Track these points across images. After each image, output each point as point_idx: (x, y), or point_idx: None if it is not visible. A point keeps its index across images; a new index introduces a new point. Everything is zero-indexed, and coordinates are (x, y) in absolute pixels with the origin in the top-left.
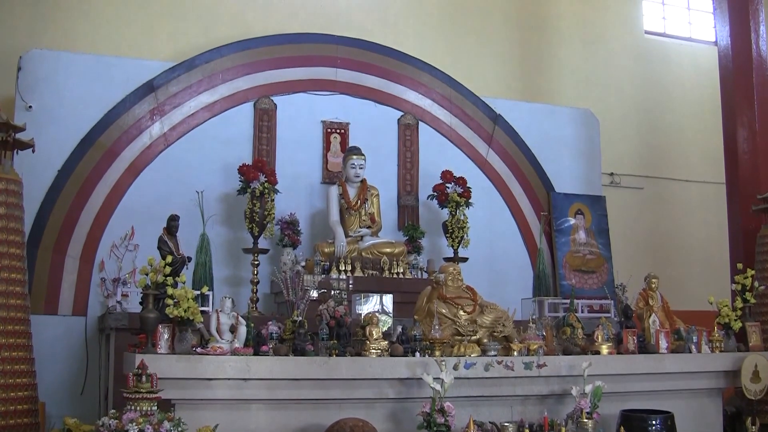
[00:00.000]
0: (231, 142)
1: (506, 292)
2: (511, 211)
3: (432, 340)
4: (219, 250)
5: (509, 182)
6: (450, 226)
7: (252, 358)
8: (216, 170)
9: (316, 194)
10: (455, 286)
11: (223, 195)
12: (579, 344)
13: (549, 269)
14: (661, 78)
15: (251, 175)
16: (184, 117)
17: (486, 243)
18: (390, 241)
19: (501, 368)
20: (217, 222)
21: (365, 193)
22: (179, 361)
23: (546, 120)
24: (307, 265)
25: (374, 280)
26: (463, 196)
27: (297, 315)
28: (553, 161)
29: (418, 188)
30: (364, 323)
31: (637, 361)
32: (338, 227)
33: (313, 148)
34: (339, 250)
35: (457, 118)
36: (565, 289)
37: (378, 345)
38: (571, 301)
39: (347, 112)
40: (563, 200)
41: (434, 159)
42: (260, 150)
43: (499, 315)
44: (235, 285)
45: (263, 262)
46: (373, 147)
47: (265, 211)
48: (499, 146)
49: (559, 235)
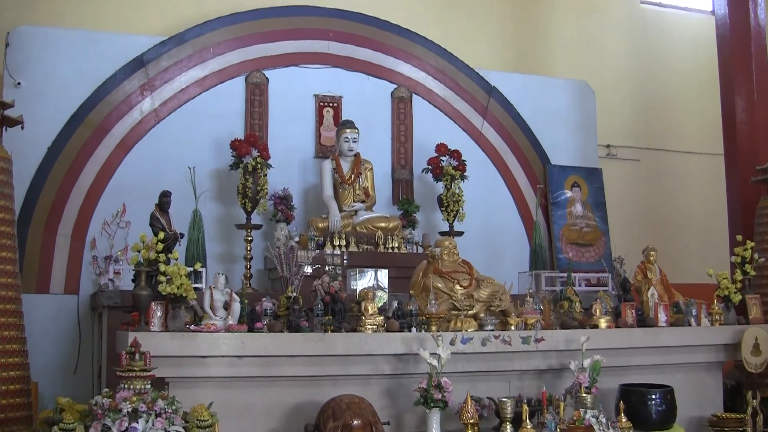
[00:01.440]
0: (222, 117)
1: (503, 266)
2: (506, 184)
3: (428, 315)
4: (212, 226)
5: (504, 155)
6: (445, 199)
7: (246, 335)
8: (208, 146)
9: (309, 169)
10: (451, 261)
11: (215, 171)
12: (577, 318)
13: (545, 243)
14: (658, 48)
15: (243, 150)
16: (174, 92)
17: (482, 217)
18: (384, 215)
19: (498, 343)
20: (210, 198)
21: (359, 168)
22: (173, 338)
23: (541, 92)
24: (301, 241)
25: (369, 255)
26: (458, 170)
27: (291, 291)
28: (548, 133)
29: (412, 162)
30: (360, 299)
31: (636, 334)
32: (332, 202)
33: (306, 123)
34: (333, 225)
35: (451, 90)
36: (562, 262)
37: (374, 321)
38: (568, 274)
39: (340, 86)
40: (559, 173)
41: (428, 132)
42: (252, 125)
43: (496, 289)
44: (229, 261)
45: (256, 238)
46: (367, 120)
47: (257, 187)
48: (494, 119)
49: (556, 208)
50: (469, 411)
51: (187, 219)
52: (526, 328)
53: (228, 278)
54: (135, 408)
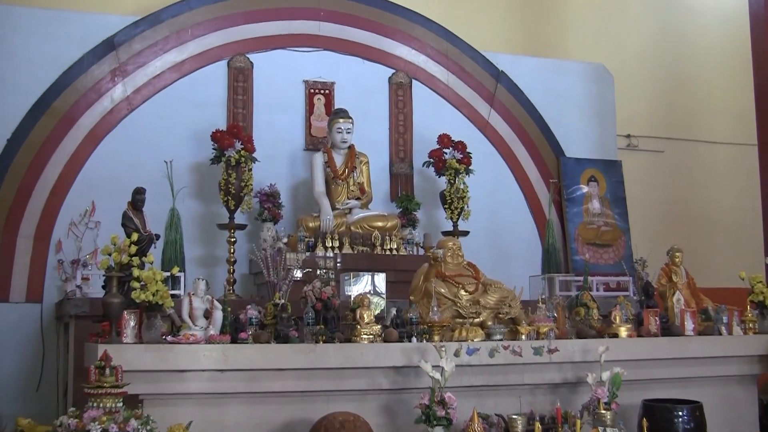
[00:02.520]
0: (202, 105)
1: (512, 269)
2: (516, 179)
3: (430, 324)
4: (191, 226)
5: (514, 147)
6: (448, 196)
7: (229, 347)
8: (186, 137)
9: (298, 162)
10: (455, 263)
11: (195, 165)
12: (594, 326)
13: (559, 243)
14: (683, 27)
15: (226, 142)
16: (149, 78)
17: (489, 215)
18: (382, 213)
19: (507, 354)
20: (189, 195)
21: (353, 161)
22: (147, 351)
23: (553, 77)
24: (290, 242)
25: (365, 257)
26: (462, 163)
27: (279, 297)
28: (562, 123)
29: (412, 154)
30: (354, 306)
31: (660, 344)
32: (324, 199)
33: (295, 112)
34: (325, 225)
35: (454, 75)
36: (577, 264)
37: (370, 330)
38: (584, 278)
39: (332, 71)
40: (574, 166)
41: (430, 121)
42: (235, 114)
43: (505, 294)
44: (210, 265)
45: (240, 239)
46: (362, 109)
47: (241, 182)
48: (502, 107)
49: (571, 205)
50: (475, 429)
51: (163, 218)
52: (539, 337)
53: (209, 284)
54: (105, 429)
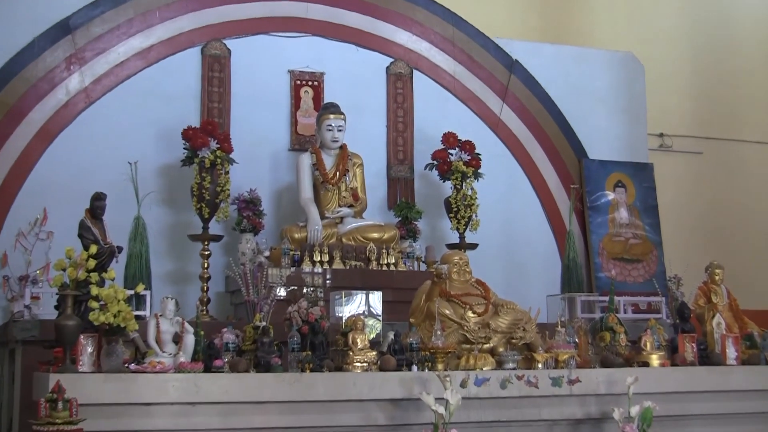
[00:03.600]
0: (172, 98)
1: (527, 288)
2: (532, 185)
3: (433, 350)
4: (158, 237)
5: (530, 147)
6: (454, 203)
7: (202, 376)
8: (153, 135)
9: (282, 165)
10: (462, 281)
11: (163, 167)
12: (621, 354)
13: (581, 258)
14: (725, 10)
15: (199, 141)
16: (110, 67)
17: (501, 225)
18: (378, 223)
19: (522, 385)
20: (156, 201)
21: (345, 163)
22: (107, 381)
23: (576, 67)
24: (272, 256)
25: (358, 273)
26: (470, 166)
27: (260, 319)
28: (585, 120)
29: (412, 156)
30: (346, 329)
31: (698, 375)
32: (311, 206)
33: (279, 106)
34: (313, 236)
35: (462, 65)
36: (602, 282)
37: (364, 356)
38: (610, 298)
39: (321, 60)
40: (599, 169)
41: (433, 118)
42: (210, 109)
43: (519, 317)
44: (180, 282)
45: (216, 252)
46: (355, 103)
47: (217, 187)
48: (516, 101)
49: (594, 214)
50: None
51: (127, 229)
52: (557, 366)
53: (179, 304)
54: None
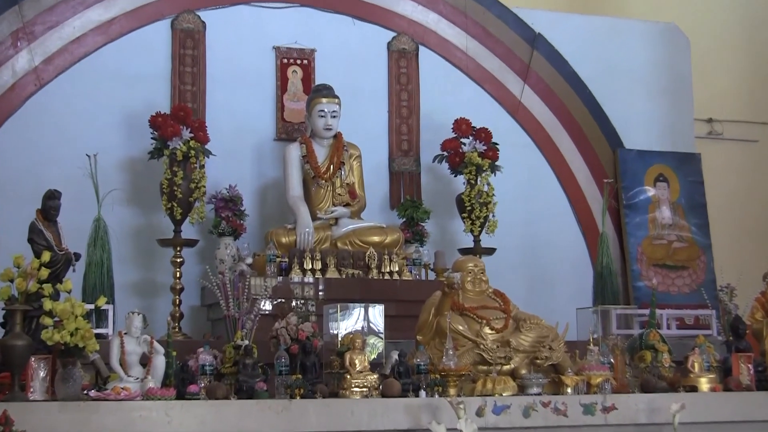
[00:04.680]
0: (138, 80)
1: (553, 299)
2: (558, 179)
3: (444, 372)
4: (122, 242)
5: (556, 135)
6: (468, 201)
7: (174, 404)
8: (116, 123)
9: (267, 157)
10: (477, 291)
11: (128, 160)
12: (665, 376)
13: (617, 264)
14: None
15: (169, 130)
16: (65, 43)
17: (522, 226)
18: (379, 225)
19: (548, 413)
20: (120, 200)
21: (341, 155)
22: (63, 411)
23: (609, 41)
24: (256, 263)
25: (356, 283)
26: (486, 157)
27: (241, 337)
28: (620, 103)
29: (418, 146)
30: (343, 348)
31: (755, 401)
32: (301, 206)
33: (263, 89)
34: (303, 240)
35: (476, 40)
36: (641, 293)
37: (363, 380)
38: (651, 311)
39: (312, 34)
40: (637, 161)
41: (443, 102)
42: (182, 92)
43: (544, 333)
44: (148, 295)
45: (190, 260)
46: (352, 85)
47: (191, 184)
48: (539, 82)
49: (632, 214)
50: None
51: (86, 232)
52: (590, 391)
53: (147, 320)
54: None
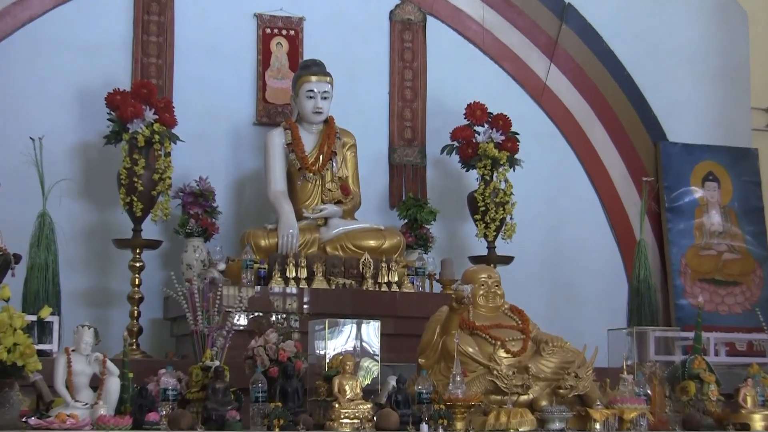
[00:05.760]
0: (93, 51)
1: (581, 318)
2: (589, 176)
3: (450, 402)
4: (72, 242)
5: (587, 125)
6: (482, 201)
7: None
8: (66, 101)
9: (245, 145)
10: (491, 307)
11: (80, 145)
12: (712, 411)
13: (656, 278)
14: None
15: (130, 111)
16: (6, 5)
17: (545, 231)
18: (376, 227)
19: None
20: (70, 193)
21: (332, 143)
22: None
23: (651, 15)
24: (230, 270)
25: (348, 295)
26: (504, 149)
27: (211, 357)
28: (664, 88)
29: (424, 135)
30: (331, 372)
31: None
32: (284, 203)
33: (241, 64)
34: (286, 243)
35: (494, 10)
36: (685, 312)
37: (355, 410)
38: (696, 334)
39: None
40: (682, 156)
41: (454, 83)
42: (146, 66)
43: (569, 358)
44: (101, 305)
45: (152, 264)
46: (347, 62)
47: (154, 174)
48: (568, 61)
49: (675, 219)
50: None
51: (28, 231)
52: (622, 428)
53: (99, 335)
54: None
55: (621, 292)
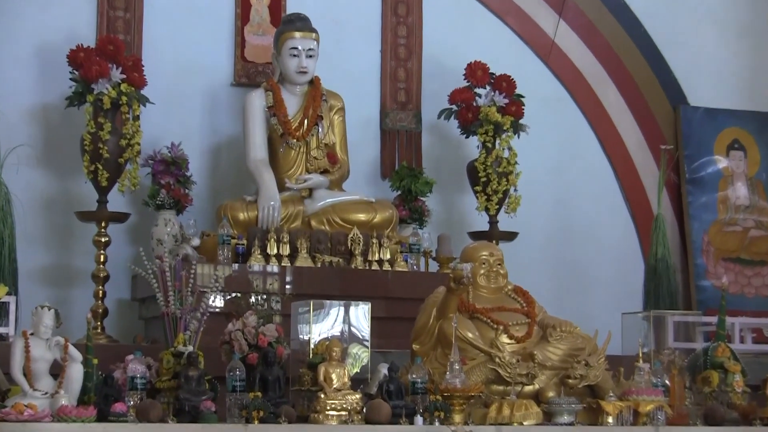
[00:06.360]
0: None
1: (592, 300)
2: (601, 144)
3: (447, 392)
4: (30, 214)
5: (599, 87)
6: (483, 170)
7: (94, 427)
8: (24, 59)
9: (221, 107)
10: (493, 288)
11: (40, 107)
12: (737, 404)
13: (676, 257)
14: None
15: (94, 69)
16: None
17: (553, 204)
18: (366, 198)
19: None
20: (27, 160)
21: (318, 106)
22: None
23: None
24: (205, 246)
25: (335, 274)
26: (508, 113)
27: (184, 342)
28: (685, 46)
29: (419, 98)
30: (316, 359)
31: None
32: (265, 172)
33: (217, 18)
34: (266, 217)
35: None
36: (707, 295)
37: (342, 401)
38: (720, 319)
39: None
40: (705, 122)
41: (452, 40)
42: (112, 19)
43: (578, 345)
44: (63, 284)
45: (118, 239)
46: (334, 16)
47: (122, 140)
48: (579, 16)
49: (697, 191)
50: None
51: None
52: (637, 422)
53: (60, 317)
54: None
55: (636, 272)
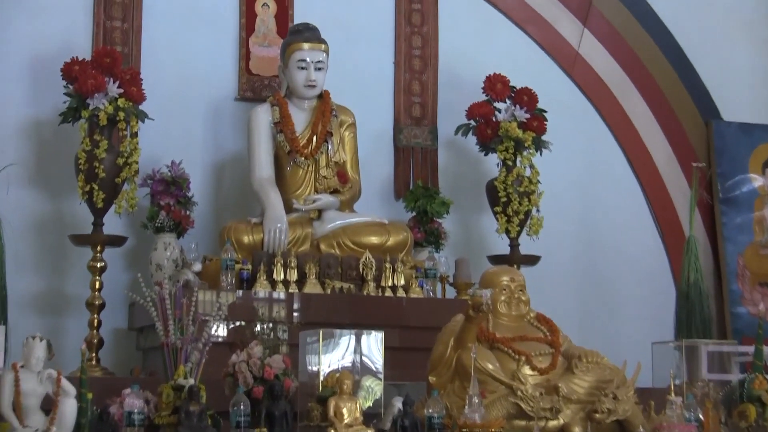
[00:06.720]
0: (48, 12)
1: (620, 329)
2: (629, 161)
3: (467, 428)
4: (21, 238)
5: (626, 101)
6: (503, 190)
7: None
8: (15, 72)
9: (225, 124)
10: (514, 316)
11: (32, 123)
12: None
13: (709, 282)
14: None
15: (90, 83)
16: None
17: (578, 226)
18: (378, 220)
19: None
20: (18, 180)
21: (327, 122)
22: None
23: None
24: (207, 271)
25: (346, 301)
26: (530, 129)
27: (185, 375)
28: (717, 58)
29: (435, 113)
30: (326, 392)
31: None
32: (271, 192)
33: (221, 29)
34: (272, 240)
35: None
36: (743, 322)
37: None
38: (757, 349)
39: None
40: (739, 138)
41: (471, 52)
42: (109, 30)
43: (606, 376)
44: (55, 312)
45: (115, 265)
46: (345, 27)
47: (119, 158)
48: (604, 25)
49: (731, 211)
50: None
51: None
52: None
53: (53, 347)
54: None
55: (667, 299)
